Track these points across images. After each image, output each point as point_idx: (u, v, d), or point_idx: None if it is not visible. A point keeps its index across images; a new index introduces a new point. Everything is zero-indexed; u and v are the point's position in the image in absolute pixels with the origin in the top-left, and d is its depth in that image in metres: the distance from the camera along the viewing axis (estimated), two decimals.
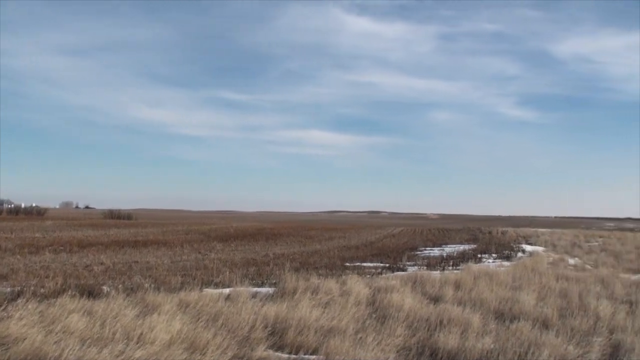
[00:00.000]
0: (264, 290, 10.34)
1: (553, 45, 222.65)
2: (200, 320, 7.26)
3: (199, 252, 22.56)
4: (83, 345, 5.85)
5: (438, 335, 7.17)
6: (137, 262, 17.81)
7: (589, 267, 19.06)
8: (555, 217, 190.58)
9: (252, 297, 9.29)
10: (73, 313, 7.15)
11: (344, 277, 11.75)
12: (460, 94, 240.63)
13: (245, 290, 9.46)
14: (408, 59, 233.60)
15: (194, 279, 12.26)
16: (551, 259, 20.65)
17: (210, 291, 9.85)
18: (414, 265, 17.02)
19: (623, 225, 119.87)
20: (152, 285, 10.30)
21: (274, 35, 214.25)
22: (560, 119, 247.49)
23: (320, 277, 11.79)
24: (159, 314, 7.30)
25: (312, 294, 9.34)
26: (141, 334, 6.42)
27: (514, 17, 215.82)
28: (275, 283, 11.63)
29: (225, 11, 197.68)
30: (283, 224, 70.15)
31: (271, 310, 7.89)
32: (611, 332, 8.16)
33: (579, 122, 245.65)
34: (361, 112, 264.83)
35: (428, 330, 7.61)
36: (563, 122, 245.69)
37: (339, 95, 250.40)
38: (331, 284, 10.09)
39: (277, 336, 7.13)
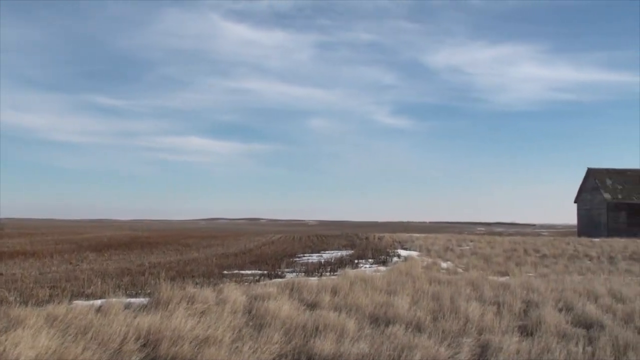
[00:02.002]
0: (138, 300, 10.04)
1: (426, 56, 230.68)
2: (68, 334, 6.92)
3: (70, 263, 21.71)
4: None
5: (314, 342, 7.19)
6: (2, 274, 16.92)
7: (460, 270, 19.74)
8: (430, 222, 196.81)
9: (125, 308, 8.98)
10: None
11: (221, 285, 11.60)
12: (337, 101, 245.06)
13: (118, 301, 9.13)
14: (287, 66, 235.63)
15: (64, 291, 11.76)
16: (425, 263, 21.22)
17: (80, 303, 9.47)
18: (292, 272, 17.05)
19: (493, 229, 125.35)
20: (18, 299, 9.81)
21: (150, 39, 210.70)
22: (433, 127, 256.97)
23: (197, 285, 11.59)
24: (23, 328, 6.90)
25: (188, 304, 9.15)
26: (3, 350, 6.06)
27: (390, 28, 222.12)
28: (150, 293, 11.33)
29: (100, 14, 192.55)
30: (160, 232, 68.76)
31: (145, 321, 7.65)
32: (480, 332, 8.46)
33: (451, 131, 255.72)
34: (240, 119, 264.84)
35: (304, 336, 7.61)
36: (436, 130, 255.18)
37: (218, 102, 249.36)
38: (208, 293, 9.92)
39: (151, 348, 6.93)
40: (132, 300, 10.08)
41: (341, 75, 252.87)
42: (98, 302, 9.56)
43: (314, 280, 13.00)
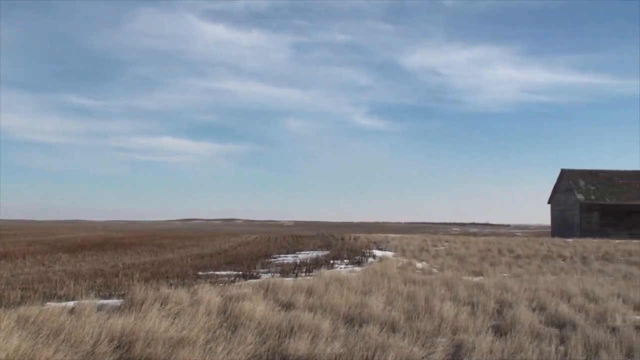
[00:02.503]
0: (112, 302, 9.96)
1: (403, 57, 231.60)
2: (40, 336, 6.85)
3: (43, 264, 21.46)
4: None
5: (289, 342, 7.18)
6: None
7: (435, 270, 19.82)
8: (406, 223, 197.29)
9: (99, 309, 8.90)
10: None
11: (196, 286, 11.52)
12: (314, 102, 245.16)
13: (91, 302, 9.05)
14: (264, 67, 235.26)
15: (36, 293, 11.63)
16: (400, 263, 21.28)
17: (53, 305, 9.35)
18: (267, 273, 17.01)
19: (468, 229, 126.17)
20: None
21: (125, 39, 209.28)
22: (410, 127, 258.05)
23: (171, 286, 11.49)
24: None
25: (162, 305, 9.08)
26: None
27: (366, 29, 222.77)
28: (123, 294, 11.24)
29: (74, 13, 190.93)
30: (134, 232, 68.26)
31: (118, 322, 7.58)
32: (454, 332, 8.50)
33: (427, 131, 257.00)
34: (216, 120, 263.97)
35: (279, 337, 7.60)
36: (412, 131, 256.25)
37: (194, 102, 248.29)
38: (182, 294, 9.86)
39: (124, 349, 6.87)
40: (106, 301, 10.00)
41: (318, 75, 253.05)
42: (71, 303, 9.47)
43: (289, 280, 12.98)
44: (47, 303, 9.75)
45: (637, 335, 8.50)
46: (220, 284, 13.03)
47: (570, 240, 43.00)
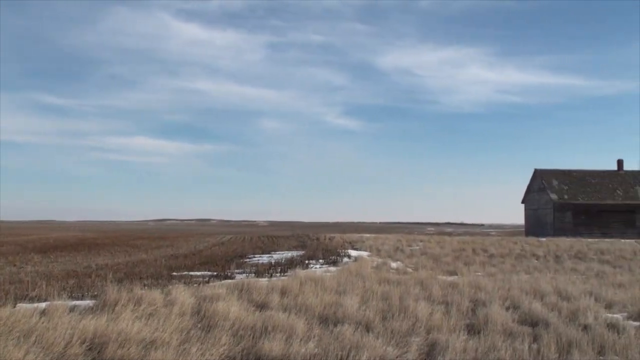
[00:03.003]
0: (84, 303, 9.84)
1: (377, 58, 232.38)
2: (11, 338, 6.75)
3: (14, 265, 21.23)
4: None
5: (263, 343, 7.16)
6: None
7: (410, 270, 19.88)
8: (381, 223, 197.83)
9: (71, 310, 8.80)
10: None
11: (169, 287, 11.46)
12: (288, 102, 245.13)
13: (63, 304, 8.94)
14: (238, 67, 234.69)
15: (7, 294, 11.45)
16: (375, 263, 21.32)
17: (24, 306, 9.22)
18: (242, 273, 16.94)
19: (442, 229, 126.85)
20: None
21: (98, 38, 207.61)
22: (384, 128, 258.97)
23: (145, 287, 11.42)
24: None
25: (135, 306, 9.00)
26: None
27: (340, 29, 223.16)
28: (96, 295, 11.13)
29: (46, 11, 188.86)
30: (108, 233, 67.77)
31: (90, 323, 7.50)
32: (428, 332, 8.53)
33: (401, 132, 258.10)
34: (190, 119, 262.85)
35: (253, 337, 7.56)
36: (386, 131, 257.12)
37: (168, 102, 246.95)
38: (156, 295, 9.79)
39: (96, 351, 6.81)
40: (78, 302, 9.88)
41: (292, 76, 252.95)
42: (42, 305, 9.34)
43: (264, 281, 12.95)
44: (19, 304, 9.62)
45: (609, 333, 8.60)
46: (195, 285, 12.94)
47: (543, 239, 43.38)
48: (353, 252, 27.44)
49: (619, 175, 65.44)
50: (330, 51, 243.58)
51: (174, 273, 17.41)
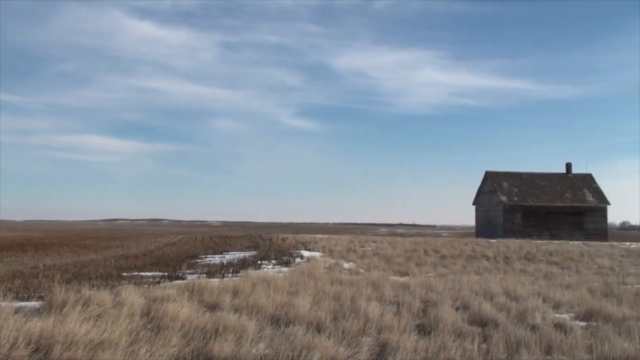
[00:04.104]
0: (30, 304, 9.63)
1: (332, 59, 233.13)
2: None
3: None
4: None
5: (213, 344, 7.10)
6: None
7: (362, 270, 19.95)
8: (334, 224, 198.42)
9: (16, 312, 8.58)
10: None
11: (119, 287, 11.28)
12: (243, 102, 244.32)
13: (8, 305, 8.73)
14: (192, 66, 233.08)
15: None
16: (327, 263, 21.34)
17: None
18: (193, 274, 16.80)
19: (395, 230, 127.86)
20: None
21: (49, 35, 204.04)
22: (338, 129, 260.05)
23: (94, 288, 11.23)
24: None
25: (83, 307, 8.84)
26: None
27: (295, 30, 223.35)
28: (43, 296, 10.90)
29: None
30: (56, 233, 66.59)
31: (36, 325, 7.33)
32: (379, 332, 8.56)
33: (356, 133, 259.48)
34: (142, 118, 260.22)
35: (204, 338, 7.49)
36: (341, 133, 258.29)
37: (119, 101, 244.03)
38: (104, 295, 9.63)
39: (42, 353, 6.65)
40: (24, 304, 9.67)
41: (247, 76, 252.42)
42: None
43: (215, 281, 12.85)
44: None
45: (556, 333, 8.74)
46: (145, 285, 12.78)
47: (493, 240, 44.01)
48: (306, 253, 27.44)
49: (568, 178, 66.85)
50: (285, 52, 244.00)
51: (124, 274, 17.18)
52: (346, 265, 21.94)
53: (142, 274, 17.16)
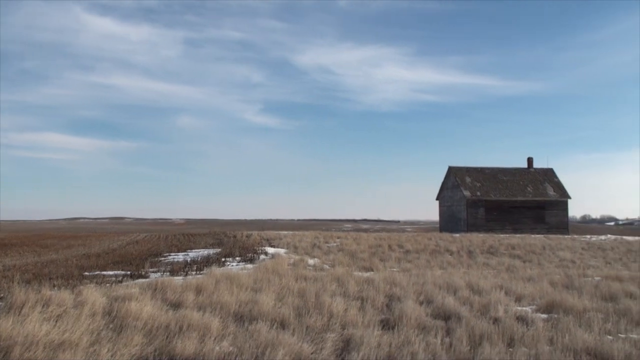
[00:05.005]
0: None
1: (295, 56, 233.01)
2: None
3: None
4: None
5: (176, 342, 7.05)
6: None
7: (327, 266, 19.96)
8: (298, 220, 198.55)
9: None
10: None
11: (80, 287, 11.14)
12: (206, 99, 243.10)
13: None
14: (154, 62, 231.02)
15: None
16: (292, 260, 21.30)
17: None
18: (157, 272, 16.65)
19: (359, 226, 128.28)
20: None
21: (7, 31, 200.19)
22: (303, 125, 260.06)
23: (55, 288, 11.09)
24: None
25: (44, 307, 8.72)
26: None
27: (259, 27, 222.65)
28: (2, 297, 10.72)
29: None
30: (16, 233, 65.57)
31: None
32: (343, 327, 8.58)
33: (320, 129, 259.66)
34: (103, 115, 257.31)
35: (167, 337, 7.43)
36: (305, 129, 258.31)
37: (79, 98, 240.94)
38: (65, 295, 9.49)
39: (1, 354, 6.54)
40: None
41: (210, 72, 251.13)
42: None
43: (178, 279, 12.76)
44: None
45: (518, 325, 8.85)
46: (107, 285, 12.63)
47: (457, 235, 44.38)
48: (270, 250, 27.38)
49: (529, 173, 67.64)
50: (248, 48, 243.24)
51: (86, 273, 16.96)
52: (311, 261, 21.92)
53: (105, 273, 16.95)
